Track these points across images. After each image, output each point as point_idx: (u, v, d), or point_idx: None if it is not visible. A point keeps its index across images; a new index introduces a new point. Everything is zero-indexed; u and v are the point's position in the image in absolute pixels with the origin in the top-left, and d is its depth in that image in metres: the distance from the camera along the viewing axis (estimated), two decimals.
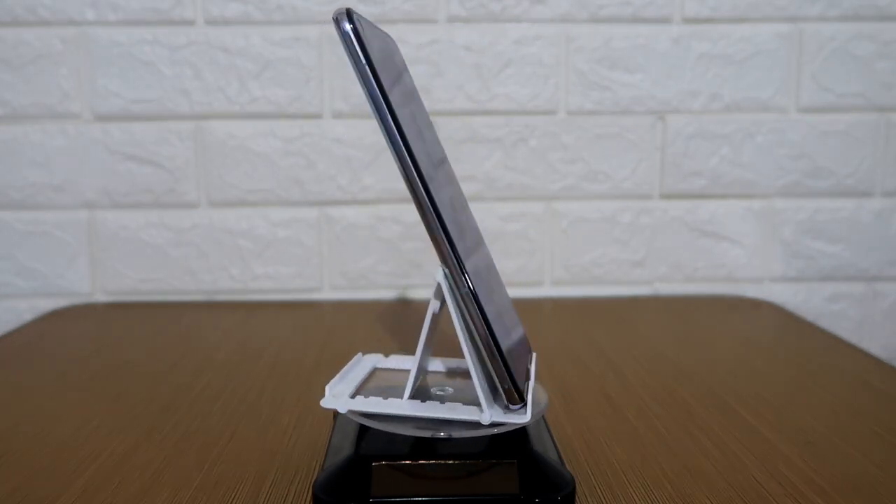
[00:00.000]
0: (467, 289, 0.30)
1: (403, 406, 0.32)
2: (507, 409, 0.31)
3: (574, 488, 0.31)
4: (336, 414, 0.38)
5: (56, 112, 0.69)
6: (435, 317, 0.33)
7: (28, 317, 0.71)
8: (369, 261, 0.72)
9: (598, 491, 0.33)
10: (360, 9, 0.68)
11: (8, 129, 0.69)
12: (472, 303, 0.30)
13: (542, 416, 0.38)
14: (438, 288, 0.32)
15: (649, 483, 0.34)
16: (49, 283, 0.71)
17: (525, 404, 0.31)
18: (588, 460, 0.37)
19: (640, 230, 0.72)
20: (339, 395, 0.33)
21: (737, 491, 0.33)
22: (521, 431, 0.33)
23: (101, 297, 0.72)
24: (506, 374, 0.30)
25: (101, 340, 0.59)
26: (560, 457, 0.34)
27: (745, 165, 0.72)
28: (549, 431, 0.36)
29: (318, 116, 0.70)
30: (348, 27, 0.29)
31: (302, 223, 0.71)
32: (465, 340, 0.31)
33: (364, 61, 0.29)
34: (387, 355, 0.39)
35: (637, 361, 0.52)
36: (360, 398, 0.33)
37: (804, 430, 0.40)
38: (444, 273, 0.30)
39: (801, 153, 0.72)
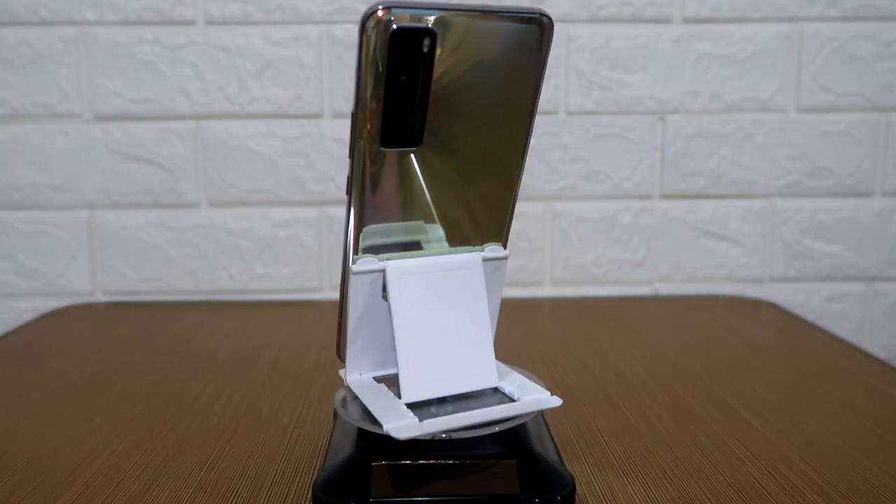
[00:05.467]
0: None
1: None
2: None
3: (574, 488, 0.31)
4: (336, 414, 0.38)
5: (56, 112, 0.69)
6: None
7: (28, 317, 0.71)
8: None
9: (598, 491, 0.33)
10: (359, 9, 0.68)
11: (8, 129, 0.69)
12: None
13: (543, 417, 0.38)
14: (491, 265, 0.34)
15: (649, 483, 0.34)
16: (49, 283, 0.71)
17: None
18: (588, 460, 0.37)
19: (640, 230, 0.72)
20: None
21: (737, 491, 0.33)
22: (521, 431, 0.33)
23: (101, 297, 0.72)
24: None
25: (101, 340, 0.58)
26: (560, 457, 0.34)
27: (745, 165, 0.72)
28: (549, 431, 0.36)
29: (318, 116, 0.70)
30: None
31: (302, 223, 0.71)
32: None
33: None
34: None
35: (637, 361, 0.52)
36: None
37: (804, 430, 0.40)
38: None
39: (801, 153, 0.72)
